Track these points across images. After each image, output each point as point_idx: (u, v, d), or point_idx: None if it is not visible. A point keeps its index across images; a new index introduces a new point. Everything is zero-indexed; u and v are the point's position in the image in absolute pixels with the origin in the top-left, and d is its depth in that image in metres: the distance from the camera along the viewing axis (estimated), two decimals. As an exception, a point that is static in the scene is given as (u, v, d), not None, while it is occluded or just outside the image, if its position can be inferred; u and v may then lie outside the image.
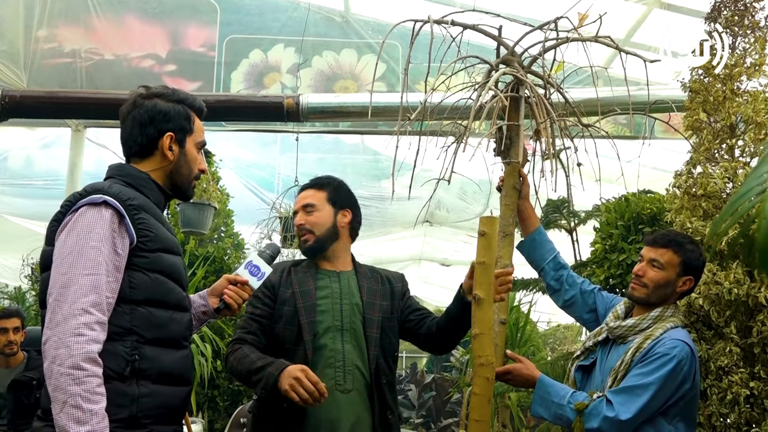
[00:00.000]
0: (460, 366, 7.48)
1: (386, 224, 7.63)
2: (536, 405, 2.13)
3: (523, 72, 2.18)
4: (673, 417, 2.03)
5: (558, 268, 2.40)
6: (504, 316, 2.23)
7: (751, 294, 2.22)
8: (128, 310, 1.63)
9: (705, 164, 2.40)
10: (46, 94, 3.97)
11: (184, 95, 1.86)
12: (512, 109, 2.18)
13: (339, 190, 2.32)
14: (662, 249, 2.14)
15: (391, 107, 3.84)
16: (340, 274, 2.27)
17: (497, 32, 2.32)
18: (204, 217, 4.68)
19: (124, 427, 1.56)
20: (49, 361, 1.49)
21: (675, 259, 2.12)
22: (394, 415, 2.21)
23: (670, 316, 2.12)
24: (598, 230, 3.44)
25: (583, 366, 2.27)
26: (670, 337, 2.03)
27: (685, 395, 2.02)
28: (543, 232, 2.43)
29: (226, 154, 5.85)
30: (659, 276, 2.12)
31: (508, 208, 2.28)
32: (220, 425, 5.03)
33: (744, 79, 2.39)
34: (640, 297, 2.16)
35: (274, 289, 2.21)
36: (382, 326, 2.21)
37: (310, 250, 2.25)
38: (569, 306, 2.43)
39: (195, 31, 4.66)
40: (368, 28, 4.67)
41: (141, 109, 1.79)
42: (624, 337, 2.15)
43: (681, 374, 1.99)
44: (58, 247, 1.60)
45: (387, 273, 2.38)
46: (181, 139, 1.82)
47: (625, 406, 1.97)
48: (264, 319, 2.20)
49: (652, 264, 2.14)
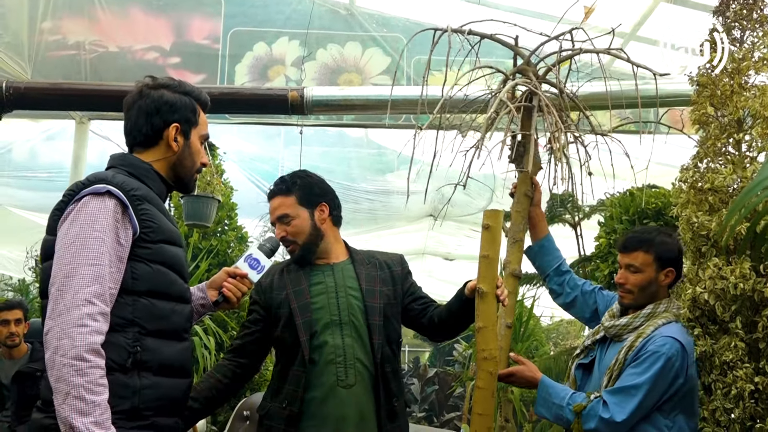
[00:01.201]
0: (463, 360, 7.48)
1: (390, 218, 7.63)
2: (539, 406, 2.18)
3: (538, 82, 2.19)
4: (670, 411, 2.07)
5: (561, 274, 2.46)
6: (510, 320, 2.24)
7: (757, 289, 2.20)
8: (130, 301, 1.62)
9: (712, 159, 2.39)
10: (51, 85, 3.96)
11: (190, 87, 1.86)
12: (526, 118, 2.20)
13: (306, 188, 2.24)
14: (634, 252, 2.20)
15: (396, 101, 3.82)
16: (333, 266, 2.24)
17: (513, 41, 2.32)
18: (208, 210, 4.68)
19: (126, 418, 1.56)
20: (51, 352, 1.48)
21: (648, 258, 2.18)
22: (399, 401, 2.20)
23: (663, 311, 2.17)
24: (603, 225, 3.43)
25: (583, 364, 2.32)
26: (661, 334, 2.08)
27: (679, 390, 2.06)
28: (551, 240, 2.48)
29: (230, 147, 5.84)
30: (639, 279, 2.18)
31: (519, 214, 2.29)
32: (223, 418, 5.03)
33: (752, 73, 2.36)
34: (629, 303, 2.23)
35: (265, 294, 2.20)
36: (385, 313, 2.18)
37: (301, 258, 2.21)
38: (570, 306, 2.49)
39: (199, 24, 4.65)
40: (373, 21, 4.65)
41: (147, 99, 1.79)
42: (619, 335, 2.20)
43: (672, 371, 2.03)
44: (61, 236, 1.59)
45: (385, 257, 2.34)
46: (186, 130, 1.82)
47: (620, 406, 2.02)
48: (254, 325, 2.22)
49: (629, 269, 2.20)
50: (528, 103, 2.20)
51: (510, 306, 2.25)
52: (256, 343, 2.23)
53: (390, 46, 4.57)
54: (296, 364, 2.10)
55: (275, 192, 2.25)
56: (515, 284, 2.28)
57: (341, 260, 2.27)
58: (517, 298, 2.32)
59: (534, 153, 2.26)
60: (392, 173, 6.73)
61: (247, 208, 5.86)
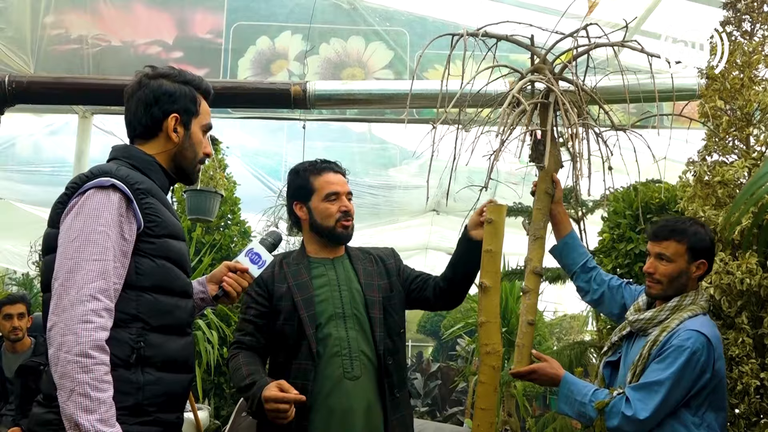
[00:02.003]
0: (465, 355, 7.48)
1: (393, 213, 7.62)
2: (561, 403, 2.13)
3: (554, 79, 2.17)
4: (698, 408, 2.01)
5: (588, 271, 2.40)
6: (531, 317, 2.22)
7: (764, 284, 2.19)
8: (134, 297, 1.61)
9: (721, 152, 2.38)
10: (54, 80, 3.95)
11: (190, 76, 1.82)
12: (544, 116, 2.18)
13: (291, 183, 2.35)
14: (665, 241, 2.12)
15: (399, 95, 3.81)
16: (334, 260, 2.27)
17: (529, 41, 2.30)
18: (211, 205, 4.68)
19: (129, 414, 1.55)
20: (56, 348, 1.46)
21: (680, 248, 2.10)
22: (403, 392, 2.22)
23: (690, 304, 2.10)
24: (606, 220, 3.42)
25: (611, 362, 2.27)
26: (685, 328, 2.01)
27: (706, 385, 1.99)
28: (575, 237, 2.42)
29: (233, 142, 5.84)
30: (669, 269, 2.11)
31: (540, 212, 2.27)
32: (227, 412, 5.04)
33: (762, 66, 2.35)
34: (657, 294, 2.15)
35: (267, 286, 2.19)
36: (384, 306, 2.22)
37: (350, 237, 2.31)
38: (598, 303, 2.42)
39: (202, 18, 4.63)
40: (376, 15, 4.63)
41: (146, 89, 1.76)
42: (644, 329, 2.14)
43: (698, 366, 1.96)
44: (64, 230, 1.57)
45: (377, 252, 2.39)
46: (186, 121, 1.79)
47: (643, 402, 1.96)
48: (260, 319, 2.19)
49: (660, 258, 2.12)
50: (544, 100, 2.18)
51: (532, 303, 2.23)
52: (263, 333, 2.20)
53: (393, 40, 4.55)
54: (301, 358, 2.10)
55: (340, 169, 2.34)
56: (537, 282, 2.25)
57: (339, 255, 2.30)
58: (538, 296, 2.28)
59: (554, 150, 2.23)
60: (395, 168, 6.72)
61: (250, 202, 5.87)
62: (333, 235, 2.26)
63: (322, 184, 2.27)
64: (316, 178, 2.28)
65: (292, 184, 2.32)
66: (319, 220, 2.25)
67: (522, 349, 2.19)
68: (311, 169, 2.30)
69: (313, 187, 2.27)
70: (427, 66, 4.40)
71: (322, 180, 2.28)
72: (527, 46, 2.30)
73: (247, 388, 2.03)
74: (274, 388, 1.94)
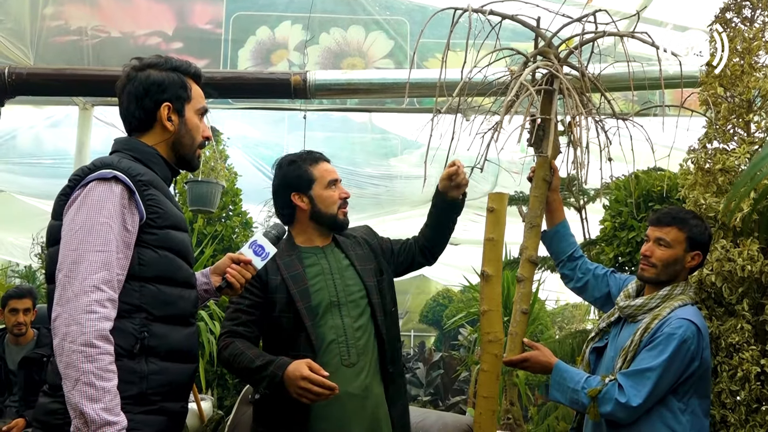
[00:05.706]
0: (468, 344, 7.50)
1: (394, 203, 7.61)
2: (553, 390, 2.17)
3: (559, 64, 2.15)
4: (684, 394, 2.06)
5: (574, 260, 2.45)
6: (525, 306, 2.22)
7: (765, 271, 2.20)
8: (137, 288, 1.62)
9: (721, 140, 2.37)
10: (53, 71, 3.94)
11: (177, 62, 1.80)
12: (546, 101, 2.16)
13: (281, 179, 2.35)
14: (667, 227, 2.17)
15: (399, 84, 3.81)
16: (324, 248, 2.29)
17: (536, 23, 2.28)
18: (212, 196, 4.69)
19: (134, 404, 1.57)
20: (60, 338, 1.48)
21: (680, 235, 2.15)
22: (401, 377, 2.28)
23: (680, 293, 2.15)
24: (608, 208, 3.42)
25: (598, 348, 2.31)
26: (677, 316, 2.07)
27: (694, 373, 2.05)
28: (567, 226, 2.46)
29: (234, 133, 5.83)
30: (667, 254, 2.16)
31: (537, 199, 2.26)
32: (230, 402, 5.07)
33: (762, 53, 2.34)
34: (650, 277, 2.19)
35: (261, 278, 2.16)
36: (379, 288, 2.26)
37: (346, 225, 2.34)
38: (582, 291, 2.47)
39: (201, 8, 4.62)
40: (376, 5, 4.61)
41: (135, 82, 1.75)
42: (634, 316, 2.19)
43: (688, 354, 2.02)
44: (68, 222, 1.58)
45: (360, 233, 2.41)
46: (179, 108, 1.78)
47: (636, 389, 2.01)
48: (253, 309, 2.18)
49: (658, 243, 2.18)
50: (549, 86, 2.17)
51: (526, 292, 2.24)
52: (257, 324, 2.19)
53: (393, 29, 4.53)
54: (299, 349, 2.11)
55: (327, 159, 2.37)
56: (532, 270, 2.25)
57: (328, 243, 2.32)
58: (533, 284, 2.29)
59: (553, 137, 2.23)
60: (396, 158, 6.71)
61: (252, 193, 5.86)
62: (335, 222, 2.27)
63: (321, 173, 2.28)
64: (315, 167, 2.28)
65: (289, 175, 2.30)
66: (323, 208, 2.25)
67: (515, 338, 2.21)
68: (307, 159, 2.30)
69: (312, 176, 2.27)
70: (427, 55, 4.39)
71: (321, 169, 2.29)
72: (533, 27, 2.28)
73: (261, 369, 2.01)
74: (306, 369, 1.95)
